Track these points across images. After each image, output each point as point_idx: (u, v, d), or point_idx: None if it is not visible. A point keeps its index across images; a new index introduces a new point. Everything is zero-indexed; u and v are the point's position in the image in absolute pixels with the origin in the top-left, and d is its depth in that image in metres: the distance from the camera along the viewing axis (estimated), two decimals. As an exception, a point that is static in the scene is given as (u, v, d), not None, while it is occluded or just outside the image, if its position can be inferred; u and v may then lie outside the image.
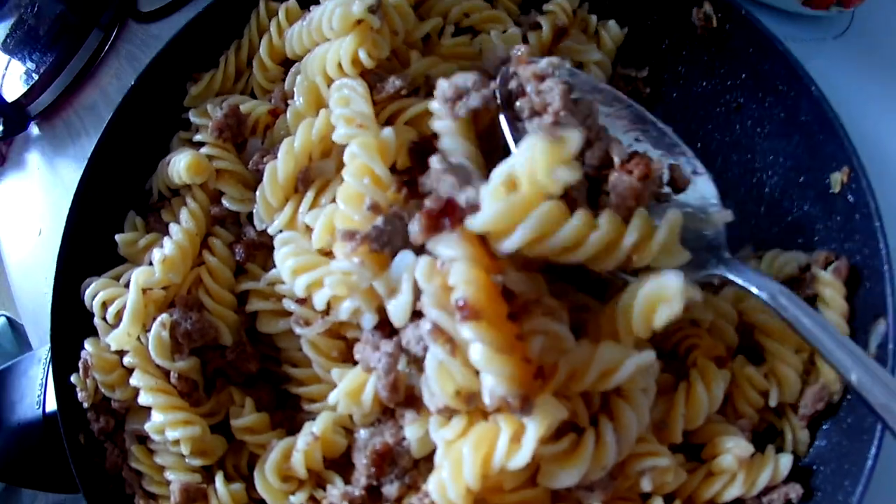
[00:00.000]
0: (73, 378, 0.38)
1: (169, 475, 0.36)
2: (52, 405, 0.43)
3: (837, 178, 0.39)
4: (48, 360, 0.44)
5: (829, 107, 0.39)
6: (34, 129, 0.65)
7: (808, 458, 0.38)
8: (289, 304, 0.32)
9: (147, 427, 0.35)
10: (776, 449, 0.37)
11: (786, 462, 0.36)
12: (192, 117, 0.40)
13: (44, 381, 0.44)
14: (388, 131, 0.32)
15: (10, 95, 0.64)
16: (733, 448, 0.34)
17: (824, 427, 0.38)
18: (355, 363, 0.31)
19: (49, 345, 0.44)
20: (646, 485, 0.30)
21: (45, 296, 0.54)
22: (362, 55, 0.33)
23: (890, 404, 0.29)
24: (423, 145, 0.33)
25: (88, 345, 0.37)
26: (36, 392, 0.44)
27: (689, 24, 0.43)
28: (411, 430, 0.29)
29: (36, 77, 0.62)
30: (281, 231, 0.33)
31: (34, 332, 0.56)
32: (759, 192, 0.43)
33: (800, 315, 0.31)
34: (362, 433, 0.31)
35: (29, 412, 0.44)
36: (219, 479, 0.34)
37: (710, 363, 0.35)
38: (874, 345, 0.36)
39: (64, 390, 0.39)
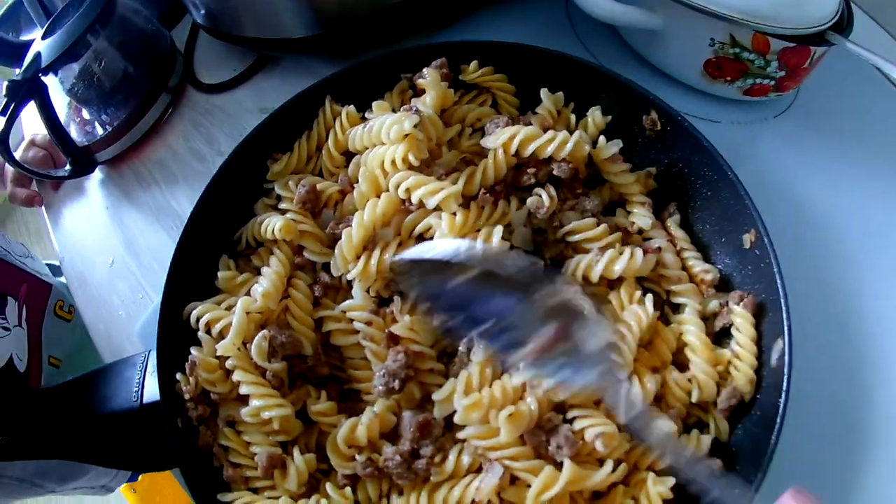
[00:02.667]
0: (178, 376, 0.54)
1: (255, 449, 0.51)
2: (148, 398, 0.58)
3: (748, 238, 0.53)
4: (145, 363, 0.59)
5: (741, 186, 0.52)
6: (98, 174, 0.80)
7: (731, 443, 0.50)
8: (359, 325, 0.50)
9: (244, 411, 0.50)
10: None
11: (706, 441, 0.48)
12: (278, 189, 0.57)
13: (141, 379, 0.59)
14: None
15: (79, 140, 0.79)
16: (662, 426, 0.48)
17: (741, 419, 0.50)
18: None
19: (141, 352, 0.60)
20: (599, 446, 0.45)
21: (119, 316, 0.70)
22: (411, 157, 0.51)
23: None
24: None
25: (196, 351, 0.53)
26: (133, 388, 0.58)
27: (640, 126, 0.58)
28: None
29: (109, 129, 0.77)
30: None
31: (107, 346, 0.70)
32: (697, 247, 0.56)
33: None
34: (407, 413, 0.48)
35: (125, 403, 0.58)
36: (296, 451, 0.50)
37: (646, 370, 0.50)
38: (775, 357, 0.49)
39: (166, 385, 0.54)
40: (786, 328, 0.49)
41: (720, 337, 0.54)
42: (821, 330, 0.58)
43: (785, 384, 0.47)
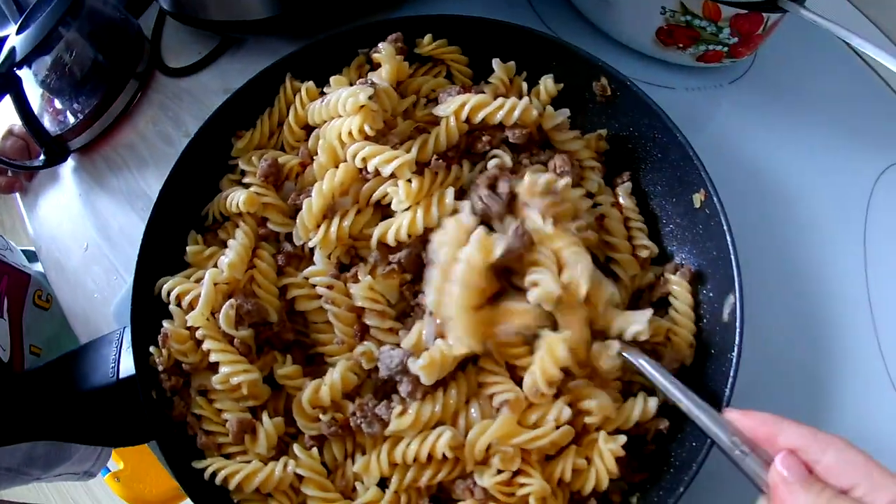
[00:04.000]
0: (151, 348, 0.56)
1: (226, 416, 0.54)
2: (124, 373, 0.61)
3: (697, 198, 0.55)
4: (120, 339, 0.61)
5: (690, 147, 0.55)
6: (71, 161, 0.82)
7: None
8: (321, 290, 0.53)
9: (215, 378, 0.53)
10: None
11: (653, 403, 0.50)
12: (242, 164, 0.60)
13: (117, 355, 0.61)
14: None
15: (52, 130, 0.81)
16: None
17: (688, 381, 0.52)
18: (362, 330, 0.52)
19: (116, 329, 0.62)
20: (505, 412, 0.48)
21: (94, 298, 0.73)
22: (366, 128, 0.54)
23: (711, 426, 0.43)
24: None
25: (167, 323, 0.56)
26: (110, 364, 0.61)
27: (591, 92, 0.61)
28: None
29: (80, 117, 0.79)
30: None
31: (83, 329, 0.72)
32: (647, 211, 0.60)
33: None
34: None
35: (103, 379, 0.61)
36: (265, 415, 0.53)
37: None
38: (727, 312, 0.51)
39: (141, 359, 0.57)
40: (737, 284, 0.51)
41: (658, 306, 0.56)
42: (773, 287, 0.61)
43: (737, 338, 0.50)
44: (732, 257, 0.52)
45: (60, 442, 0.88)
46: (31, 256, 0.96)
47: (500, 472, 0.48)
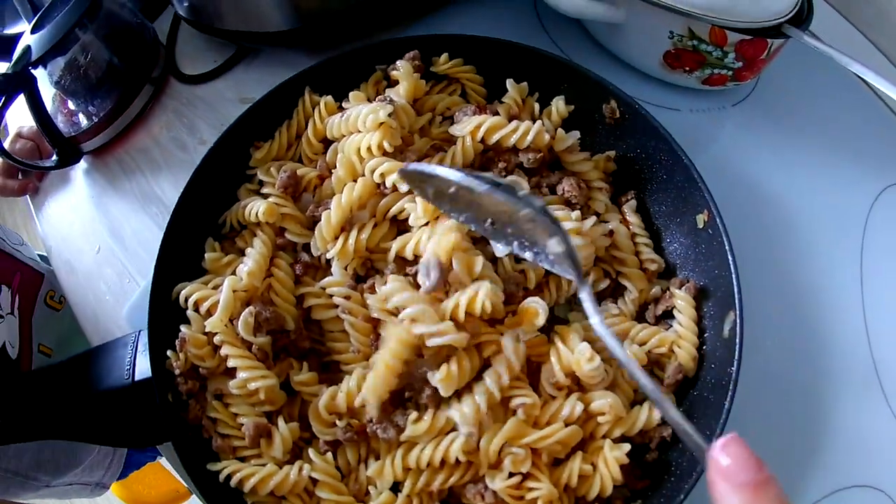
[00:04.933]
0: (168, 352, 0.59)
1: (242, 419, 0.56)
2: (139, 376, 0.63)
3: (701, 218, 0.58)
4: (135, 343, 0.64)
5: (694, 168, 0.58)
6: (83, 163, 0.84)
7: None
8: (338, 300, 0.55)
9: (232, 383, 0.55)
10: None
11: (657, 413, 0.53)
12: (260, 175, 0.62)
13: (132, 358, 0.63)
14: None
15: (65, 131, 0.83)
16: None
17: (690, 392, 0.56)
18: (378, 340, 0.55)
19: (131, 332, 0.64)
20: (520, 414, 0.51)
21: (106, 301, 0.75)
22: (385, 144, 0.57)
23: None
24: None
25: (185, 328, 0.58)
26: (125, 367, 0.63)
27: (600, 114, 0.64)
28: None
29: (94, 120, 0.81)
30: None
31: (94, 331, 0.74)
32: (651, 228, 0.63)
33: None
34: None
35: (118, 381, 0.63)
36: (280, 420, 0.56)
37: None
38: (727, 328, 0.54)
39: (157, 362, 0.59)
40: (737, 301, 0.54)
41: (662, 319, 0.60)
42: (772, 304, 0.64)
43: (737, 353, 0.52)
44: (734, 276, 0.55)
45: (70, 444, 0.90)
46: (46, 260, 0.97)
47: (510, 475, 0.50)
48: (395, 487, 0.54)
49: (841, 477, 0.60)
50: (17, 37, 0.79)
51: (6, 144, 0.84)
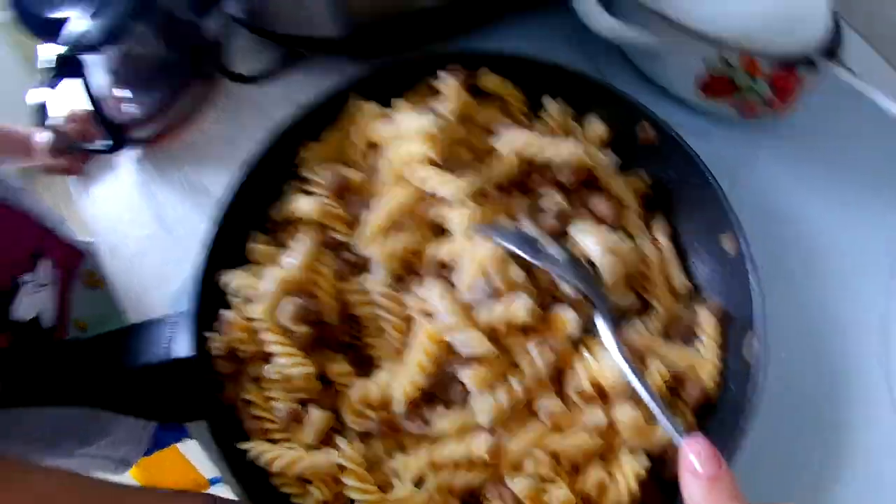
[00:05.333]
0: (210, 334, 0.61)
1: (277, 404, 0.59)
2: (177, 353, 0.65)
3: (727, 243, 0.60)
4: (176, 322, 0.66)
5: (724, 197, 0.60)
6: (131, 151, 0.88)
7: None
8: (377, 299, 0.58)
9: (270, 368, 0.58)
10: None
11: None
12: (308, 174, 0.66)
13: (173, 336, 0.66)
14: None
15: (116, 118, 0.87)
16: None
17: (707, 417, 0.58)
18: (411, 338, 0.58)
19: (175, 312, 0.67)
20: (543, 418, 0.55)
21: (149, 285, 0.78)
22: (430, 153, 0.60)
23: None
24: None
25: (228, 312, 0.61)
26: (163, 344, 0.66)
27: (634, 135, 0.67)
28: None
29: (145, 109, 0.84)
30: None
31: (136, 312, 0.77)
32: (677, 249, 0.65)
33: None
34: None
35: (155, 358, 0.65)
36: (312, 407, 0.59)
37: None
38: (748, 354, 0.56)
39: (199, 343, 0.62)
40: (759, 328, 0.56)
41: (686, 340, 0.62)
42: (795, 332, 0.67)
43: (757, 379, 0.55)
44: (757, 304, 0.58)
45: (99, 415, 0.93)
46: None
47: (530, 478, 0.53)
48: (417, 482, 0.56)
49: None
50: (64, 21, 0.82)
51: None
